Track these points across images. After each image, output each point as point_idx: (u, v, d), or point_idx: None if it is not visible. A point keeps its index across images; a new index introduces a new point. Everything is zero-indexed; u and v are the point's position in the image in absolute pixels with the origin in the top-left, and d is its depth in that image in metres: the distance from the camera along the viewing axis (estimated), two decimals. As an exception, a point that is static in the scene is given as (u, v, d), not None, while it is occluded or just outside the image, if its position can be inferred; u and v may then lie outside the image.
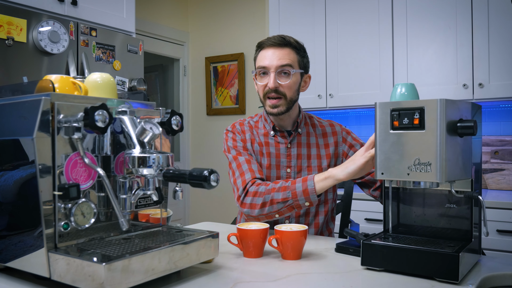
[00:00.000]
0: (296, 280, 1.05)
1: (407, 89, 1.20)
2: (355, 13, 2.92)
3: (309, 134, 1.65)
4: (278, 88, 1.53)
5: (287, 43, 1.55)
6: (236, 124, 1.71)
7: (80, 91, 1.13)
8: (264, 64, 1.53)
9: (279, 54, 1.53)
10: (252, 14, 3.94)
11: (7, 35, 2.05)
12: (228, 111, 4.05)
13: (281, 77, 1.53)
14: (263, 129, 1.66)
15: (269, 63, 1.52)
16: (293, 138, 1.63)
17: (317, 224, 1.60)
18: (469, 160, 1.14)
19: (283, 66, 1.52)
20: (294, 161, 1.61)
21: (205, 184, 0.94)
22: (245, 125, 1.70)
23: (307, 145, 1.63)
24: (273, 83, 1.52)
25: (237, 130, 1.67)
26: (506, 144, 2.69)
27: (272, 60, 1.52)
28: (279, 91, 1.53)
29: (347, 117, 3.30)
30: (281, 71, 1.53)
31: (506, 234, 2.20)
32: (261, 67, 1.54)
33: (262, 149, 1.63)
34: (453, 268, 0.99)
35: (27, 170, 0.93)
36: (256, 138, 1.66)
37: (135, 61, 2.68)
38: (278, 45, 1.54)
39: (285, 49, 1.54)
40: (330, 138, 1.64)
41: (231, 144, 1.63)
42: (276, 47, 1.54)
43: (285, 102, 1.55)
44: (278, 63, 1.52)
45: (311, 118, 1.70)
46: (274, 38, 1.56)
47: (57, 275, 0.90)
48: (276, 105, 1.54)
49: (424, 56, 2.69)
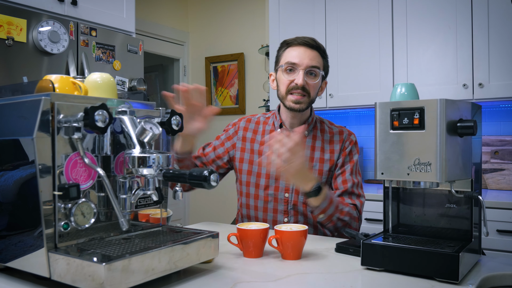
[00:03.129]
0: (296, 280, 1.05)
1: (407, 89, 1.20)
2: (355, 13, 2.92)
3: (316, 137, 1.66)
4: (305, 86, 1.57)
5: (318, 46, 1.60)
6: (243, 119, 1.78)
7: (80, 91, 1.13)
8: (295, 60, 1.57)
9: (310, 54, 1.57)
10: (252, 14, 3.94)
11: (7, 35, 2.05)
12: (228, 111, 4.05)
13: (308, 77, 1.58)
14: (272, 125, 1.70)
15: (299, 60, 1.56)
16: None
17: (316, 224, 1.61)
18: (469, 160, 1.14)
19: (313, 67, 1.57)
20: None
21: (205, 184, 0.94)
22: (253, 121, 1.75)
23: (311, 147, 1.64)
24: (302, 81, 1.55)
25: (238, 125, 1.74)
26: (506, 144, 2.69)
27: (303, 59, 1.56)
28: (306, 89, 1.57)
29: (347, 117, 3.30)
30: (309, 71, 1.57)
31: (506, 234, 2.20)
32: (290, 63, 1.57)
33: (264, 148, 1.64)
34: (453, 268, 0.99)
35: (27, 170, 0.93)
36: (258, 137, 1.68)
37: (135, 61, 2.68)
38: (310, 45, 1.59)
39: (314, 51, 1.59)
40: (336, 144, 1.65)
41: (221, 134, 1.76)
42: (307, 47, 1.58)
43: (307, 100, 1.59)
44: (309, 63, 1.56)
45: (322, 123, 1.71)
46: (305, 38, 1.60)
47: (57, 275, 0.90)
48: (299, 101, 1.58)
49: (424, 56, 2.69)
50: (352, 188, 1.59)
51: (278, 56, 1.65)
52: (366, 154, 3.21)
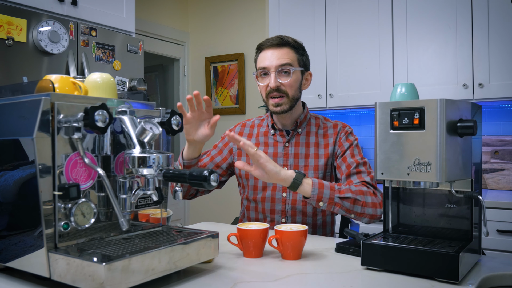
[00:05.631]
0: (296, 280, 1.05)
1: (407, 89, 1.20)
2: (355, 13, 2.92)
3: (310, 133, 1.65)
4: (280, 87, 1.55)
5: (285, 43, 1.57)
6: (238, 125, 1.79)
7: (80, 91, 1.13)
8: (264, 64, 1.56)
9: (278, 54, 1.55)
10: (252, 14, 3.94)
11: (7, 35, 2.05)
12: (228, 111, 4.04)
13: (282, 76, 1.55)
14: (266, 127, 1.70)
15: (269, 63, 1.55)
16: (292, 137, 1.64)
17: (315, 224, 1.61)
18: (469, 160, 1.14)
19: (283, 65, 1.55)
20: (291, 160, 1.61)
21: (205, 184, 0.94)
22: (248, 126, 1.76)
23: (305, 144, 1.63)
24: (274, 83, 1.54)
25: (233, 131, 1.76)
26: (506, 144, 2.69)
27: (272, 61, 1.55)
28: (281, 89, 1.55)
29: (347, 117, 3.30)
30: (281, 70, 1.55)
31: (506, 234, 2.20)
32: (261, 68, 1.57)
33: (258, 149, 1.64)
34: (453, 268, 0.99)
35: (27, 170, 0.93)
36: (252, 140, 1.70)
37: (135, 61, 2.68)
38: (277, 45, 1.57)
39: (283, 49, 1.57)
40: (331, 138, 1.63)
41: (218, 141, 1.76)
42: (274, 48, 1.57)
43: (287, 100, 1.57)
44: (277, 63, 1.54)
45: (317, 119, 1.70)
46: (272, 39, 1.59)
47: (57, 275, 0.90)
48: (278, 104, 1.56)
49: (424, 56, 2.69)
50: (356, 168, 1.53)
51: (255, 61, 1.65)
52: (366, 154, 3.21)
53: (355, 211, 1.42)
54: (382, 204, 1.44)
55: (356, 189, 1.44)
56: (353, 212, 1.43)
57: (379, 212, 1.44)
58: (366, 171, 1.54)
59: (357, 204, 1.42)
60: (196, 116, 1.43)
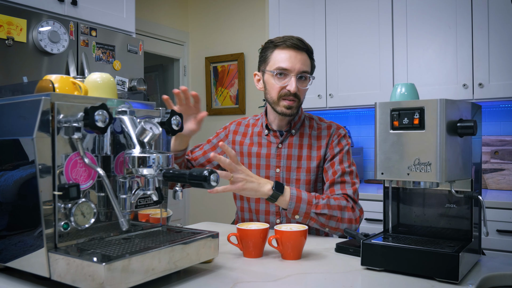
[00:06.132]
0: (296, 280, 1.05)
1: (407, 89, 1.20)
2: (355, 13, 2.92)
3: (303, 135, 1.63)
4: (296, 91, 1.54)
5: (306, 48, 1.56)
6: (234, 122, 1.78)
7: (80, 91, 1.13)
8: (286, 66, 1.52)
9: (300, 58, 1.53)
10: (252, 14, 3.94)
11: (7, 35, 2.05)
12: (228, 111, 4.05)
13: (299, 82, 1.54)
14: (260, 127, 1.69)
15: (291, 66, 1.52)
16: (285, 138, 1.63)
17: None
18: (469, 160, 1.14)
19: (304, 71, 1.54)
20: (283, 161, 1.61)
21: (205, 184, 0.94)
22: (243, 124, 1.75)
23: (299, 145, 1.62)
24: (295, 88, 1.52)
25: (229, 128, 1.76)
26: (506, 144, 2.69)
27: (295, 64, 1.52)
28: (296, 94, 1.54)
29: (347, 117, 3.30)
30: (300, 76, 1.54)
31: (506, 234, 2.20)
32: (281, 69, 1.52)
33: (252, 149, 1.65)
34: (453, 268, 0.99)
35: (27, 170, 0.93)
36: (247, 139, 1.68)
37: (135, 61, 2.68)
38: (300, 48, 1.54)
39: (303, 54, 1.55)
40: (324, 140, 1.61)
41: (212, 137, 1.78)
42: (297, 50, 1.53)
43: (297, 104, 1.57)
44: (300, 68, 1.52)
45: (311, 119, 1.68)
46: (292, 39, 1.54)
47: (57, 275, 0.90)
48: (291, 106, 1.55)
49: (424, 56, 2.69)
50: (341, 177, 1.52)
51: (265, 57, 1.58)
52: (366, 154, 3.21)
53: (330, 225, 1.45)
54: (359, 220, 1.50)
55: (335, 204, 1.45)
56: (328, 227, 1.46)
57: (354, 228, 1.48)
58: (350, 181, 1.53)
59: (333, 219, 1.44)
60: (184, 110, 1.44)
